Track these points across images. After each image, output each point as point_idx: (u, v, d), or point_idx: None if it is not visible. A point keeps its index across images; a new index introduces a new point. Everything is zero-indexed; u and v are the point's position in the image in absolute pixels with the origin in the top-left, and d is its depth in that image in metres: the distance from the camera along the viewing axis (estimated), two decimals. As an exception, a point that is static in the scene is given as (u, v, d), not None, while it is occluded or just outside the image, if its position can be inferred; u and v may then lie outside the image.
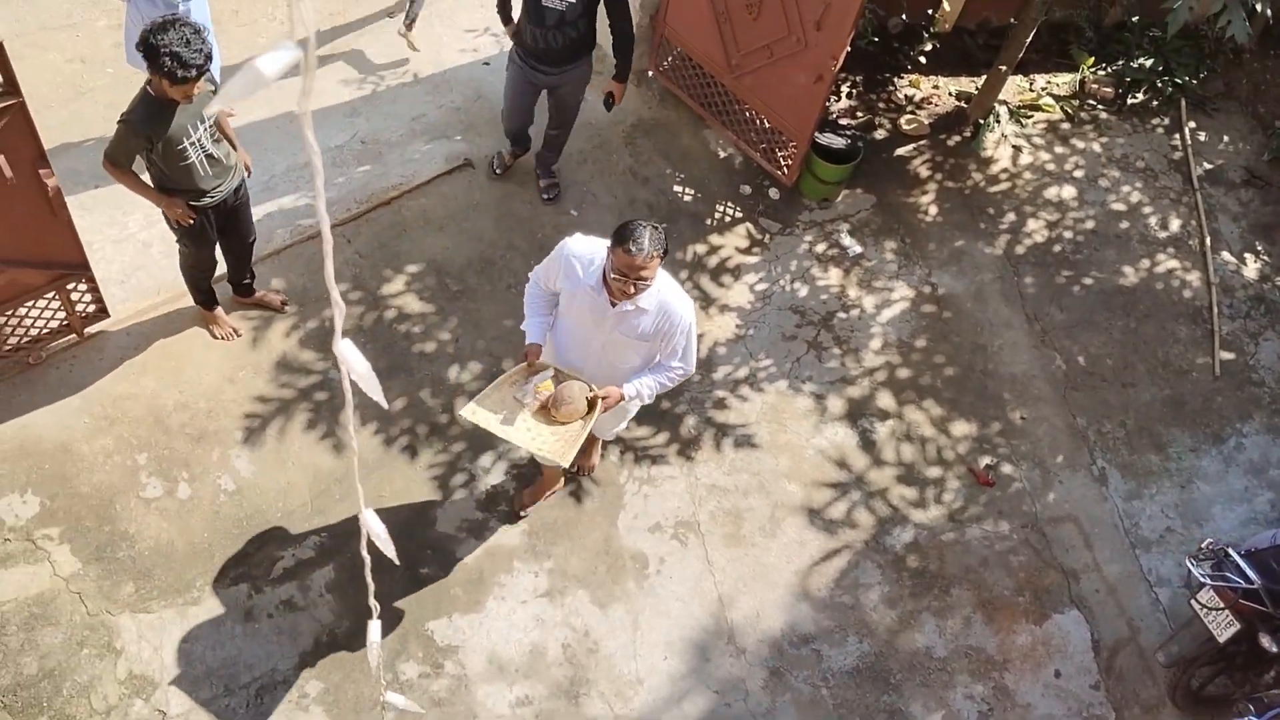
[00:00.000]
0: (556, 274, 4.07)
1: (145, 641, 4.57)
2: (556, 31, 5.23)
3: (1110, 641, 5.26)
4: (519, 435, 4.08)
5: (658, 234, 3.74)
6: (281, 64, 1.28)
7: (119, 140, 4.40)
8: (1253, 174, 7.23)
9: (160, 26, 4.07)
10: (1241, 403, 6.15)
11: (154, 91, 4.31)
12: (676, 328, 4.01)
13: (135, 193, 4.64)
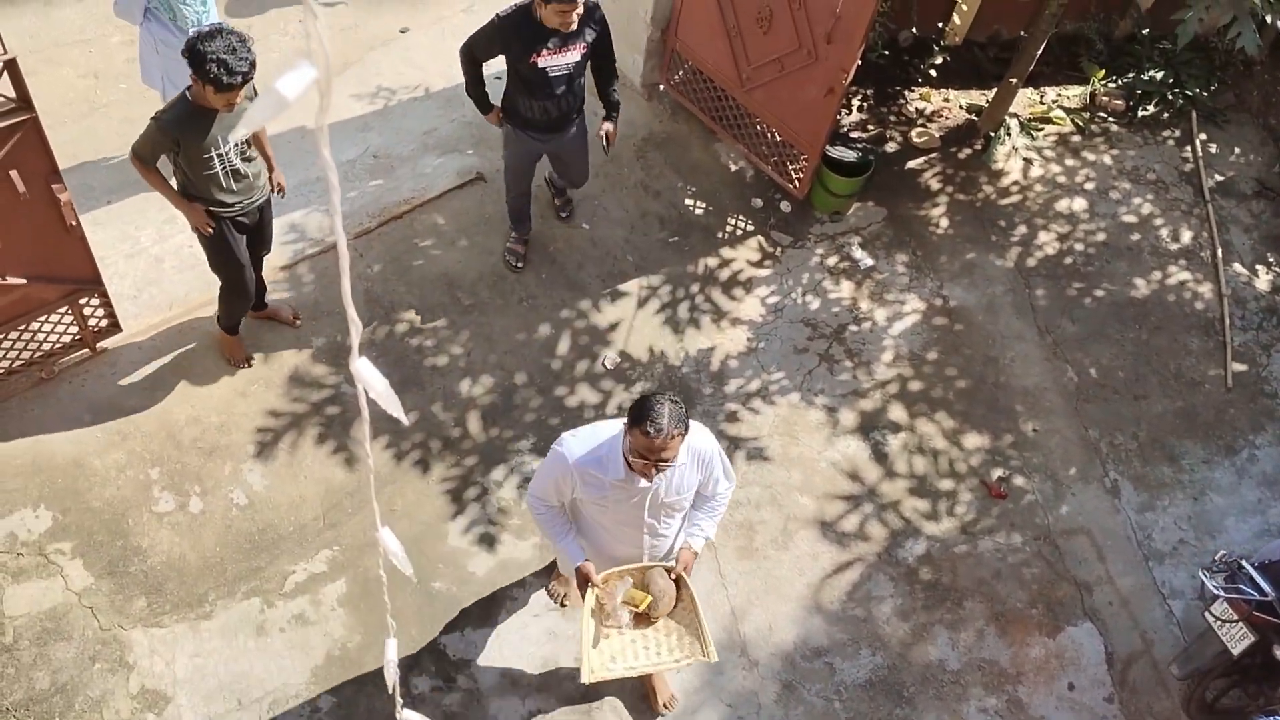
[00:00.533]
0: (569, 487, 3.69)
1: (157, 656, 4.57)
2: (566, 95, 5.08)
3: (1124, 654, 5.23)
4: (648, 662, 3.79)
5: (678, 409, 3.38)
6: (301, 85, 1.29)
7: (147, 135, 4.43)
8: (1264, 185, 7.22)
9: (208, 35, 4.13)
10: (1254, 414, 6.12)
11: (193, 98, 4.35)
12: (711, 459, 3.73)
13: (157, 190, 4.65)
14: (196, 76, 4.20)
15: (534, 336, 5.73)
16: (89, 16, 6.63)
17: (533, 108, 5.10)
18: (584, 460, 3.58)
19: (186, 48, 4.18)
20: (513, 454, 5.32)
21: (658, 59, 6.71)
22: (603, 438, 3.59)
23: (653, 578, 3.81)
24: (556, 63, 4.94)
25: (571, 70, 5.00)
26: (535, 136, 5.26)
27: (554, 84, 5.00)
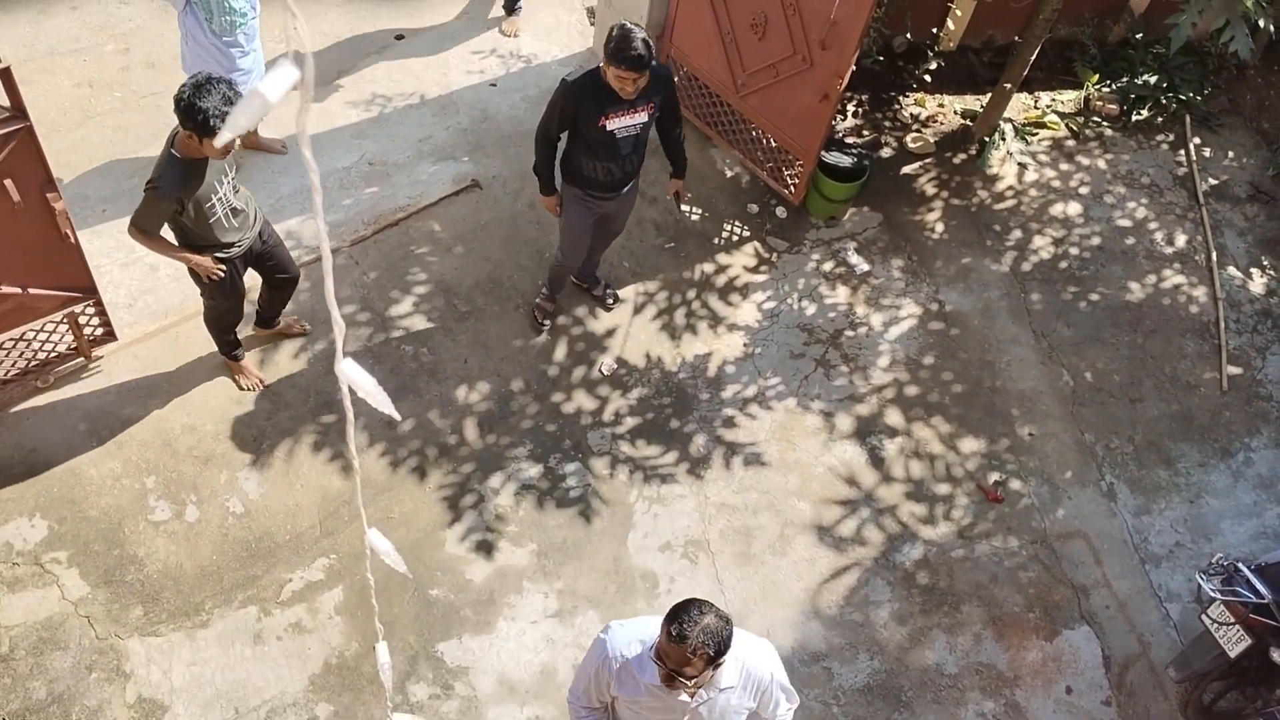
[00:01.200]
0: (606, 684, 3.21)
1: (154, 665, 4.56)
2: (631, 156, 4.93)
3: (1121, 657, 5.23)
4: None
5: (718, 626, 2.87)
6: (284, 86, 1.29)
7: (148, 208, 4.29)
8: (1258, 189, 7.24)
9: (201, 88, 3.98)
10: (1249, 417, 6.13)
11: (181, 153, 4.19)
12: (770, 682, 3.25)
13: (164, 256, 4.56)
14: (193, 131, 4.04)
15: (531, 343, 5.73)
16: (83, 25, 6.63)
17: (596, 169, 4.92)
18: (624, 652, 3.14)
19: (180, 101, 4.01)
20: (510, 461, 5.32)
21: (653, 65, 6.71)
22: (650, 632, 3.10)
23: None
24: (624, 124, 4.78)
25: (639, 132, 4.85)
26: (597, 197, 5.07)
27: (620, 145, 4.84)
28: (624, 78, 4.51)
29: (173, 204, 4.27)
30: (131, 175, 5.97)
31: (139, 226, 4.35)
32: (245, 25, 5.33)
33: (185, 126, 4.07)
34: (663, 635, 2.90)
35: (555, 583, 5.02)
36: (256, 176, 6.08)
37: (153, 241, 4.42)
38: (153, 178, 4.24)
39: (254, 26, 5.42)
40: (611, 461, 5.40)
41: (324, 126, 6.39)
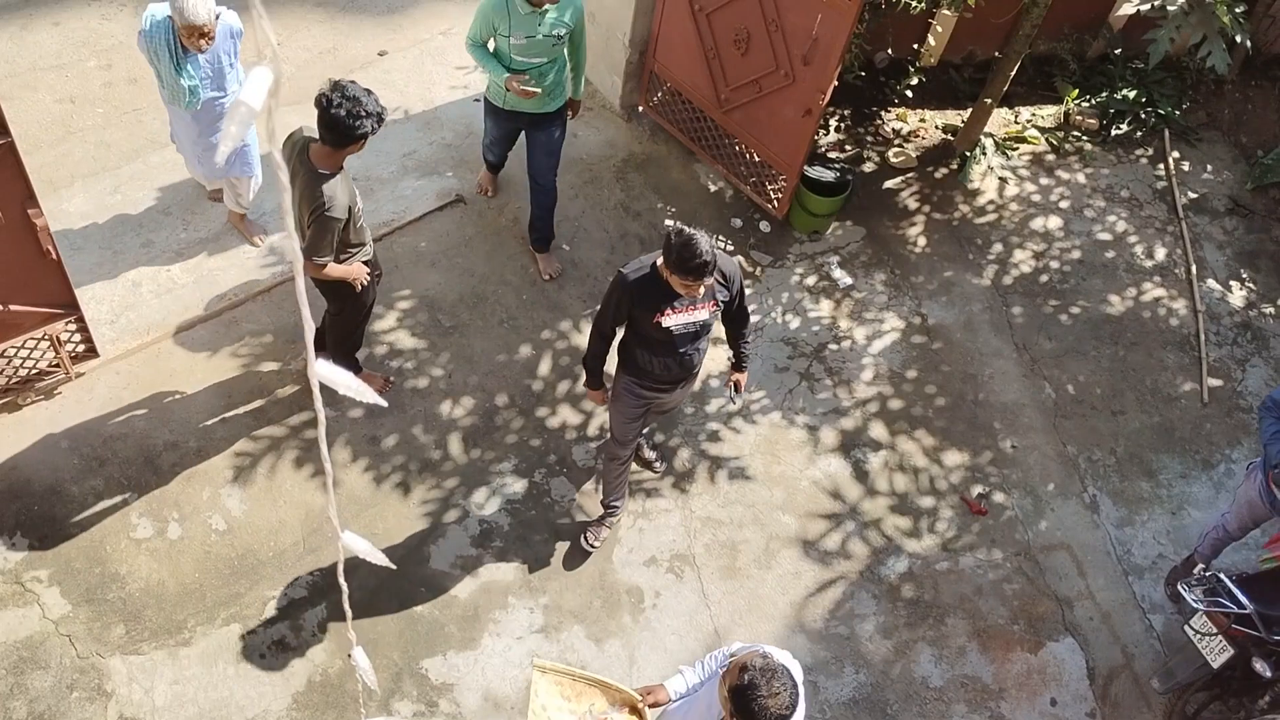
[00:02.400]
0: None
1: (136, 684, 4.53)
2: (690, 352, 4.46)
3: (1105, 669, 5.25)
4: None
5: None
6: (263, 91, 1.30)
7: (325, 234, 4.25)
8: (1236, 202, 7.32)
9: (332, 103, 3.99)
10: (1230, 429, 6.18)
11: (326, 168, 4.19)
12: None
13: (336, 277, 4.51)
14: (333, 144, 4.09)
15: (515, 358, 5.73)
16: (65, 41, 6.61)
17: (653, 363, 4.48)
18: None
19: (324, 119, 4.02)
20: (494, 476, 5.31)
21: (636, 81, 6.75)
22: None
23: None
24: (683, 321, 4.35)
25: (698, 329, 4.42)
26: (651, 389, 4.64)
27: (679, 342, 4.40)
28: (689, 286, 4.15)
29: (342, 218, 4.27)
30: (114, 191, 5.96)
31: (316, 255, 4.30)
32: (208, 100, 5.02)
33: (327, 141, 4.09)
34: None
35: (540, 598, 5.00)
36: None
37: (324, 269, 4.38)
38: (316, 205, 4.18)
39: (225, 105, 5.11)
40: (597, 476, 5.39)
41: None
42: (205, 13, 4.58)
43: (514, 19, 5.06)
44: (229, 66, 4.99)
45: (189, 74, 4.86)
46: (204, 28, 4.61)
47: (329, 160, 4.19)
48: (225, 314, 5.58)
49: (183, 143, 5.38)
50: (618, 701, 3.61)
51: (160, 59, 4.78)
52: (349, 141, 4.10)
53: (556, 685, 3.63)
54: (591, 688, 3.64)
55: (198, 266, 5.74)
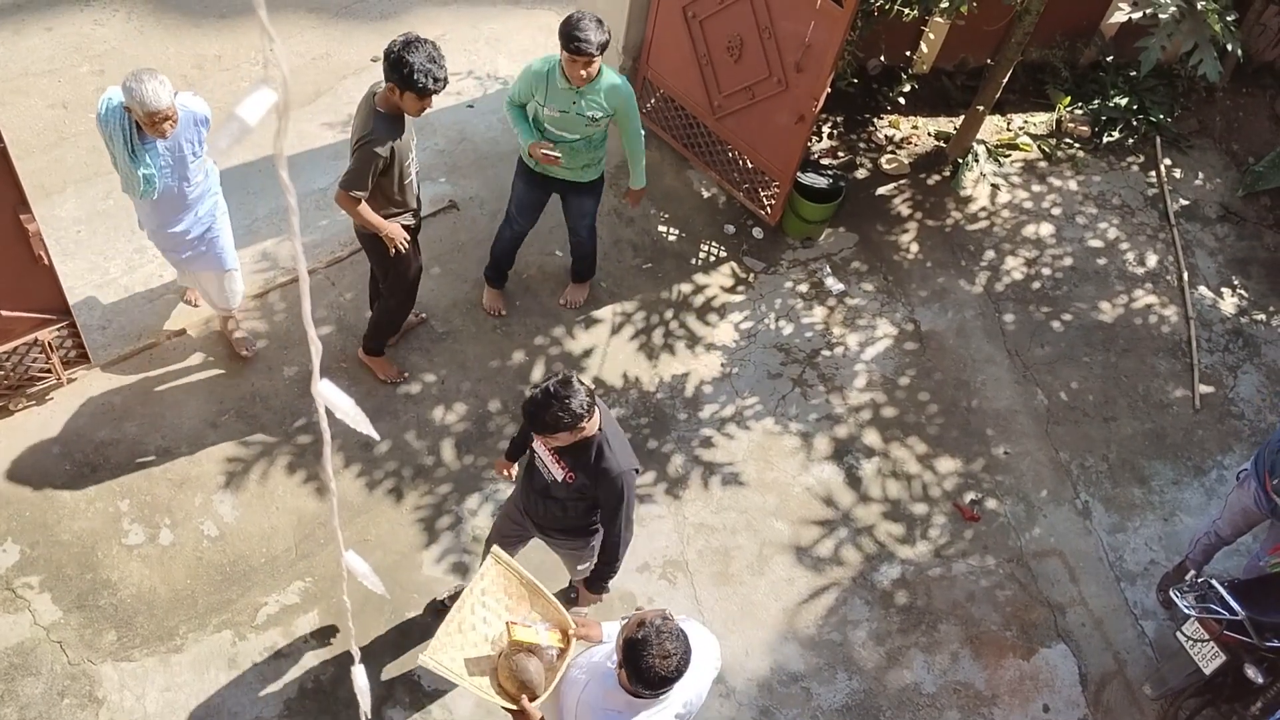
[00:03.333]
0: None
1: (127, 691, 4.51)
2: (536, 497, 4.04)
3: (1097, 675, 5.25)
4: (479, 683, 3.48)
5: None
6: (262, 109, 1.30)
7: (361, 164, 4.43)
8: (1228, 209, 7.34)
9: (409, 45, 4.25)
10: (1222, 435, 6.20)
11: (384, 108, 4.41)
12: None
13: (363, 221, 4.66)
14: (397, 85, 4.30)
15: (508, 364, 5.72)
16: (58, 46, 6.60)
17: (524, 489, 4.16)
18: None
19: (388, 58, 4.27)
20: (486, 482, 5.30)
21: (630, 87, 6.75)
22: None
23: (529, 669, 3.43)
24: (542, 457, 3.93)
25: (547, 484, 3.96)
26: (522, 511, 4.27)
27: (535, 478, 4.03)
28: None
29: (383, 156, 4.42)
30: (106, 196, 5.95)
31: (350, 187, 4.48)
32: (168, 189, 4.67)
33: (390, 79, 4.30)
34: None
35: (533, 604, 4.99)
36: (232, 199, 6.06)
37: (357, 206, 4.55)
38: (363, 135, 4.41)
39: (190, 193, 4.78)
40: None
41: (301, 148, 6.38)
42: (166, 97, 4.25)
43: (551, 91, 4.97)
44: (192, 155, 4.63)
45: (145, 162, 4.50)
46: (165, 112, 4.27)
47: (389, 103, 4.40)
48: (216, 320, 5.57)
49: (149, 231, 4.98)
50: (552, 619, 3.58)
51: (115, 144, 4.44)
52: (407, 87, 4.28)
53: (504, 580, 3.61)
54: (536, 597, 3.62)
55: (190, 272, 5.73)
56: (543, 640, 3.48)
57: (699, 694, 3.36)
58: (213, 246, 4.99)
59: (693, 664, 3.10)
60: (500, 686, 3.45)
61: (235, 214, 5.97)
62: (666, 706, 3.18)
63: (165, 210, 4.76)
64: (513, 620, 3.52)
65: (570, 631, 3.54)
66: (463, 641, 3.48)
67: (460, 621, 3.49)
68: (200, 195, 4.82)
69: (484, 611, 3.54)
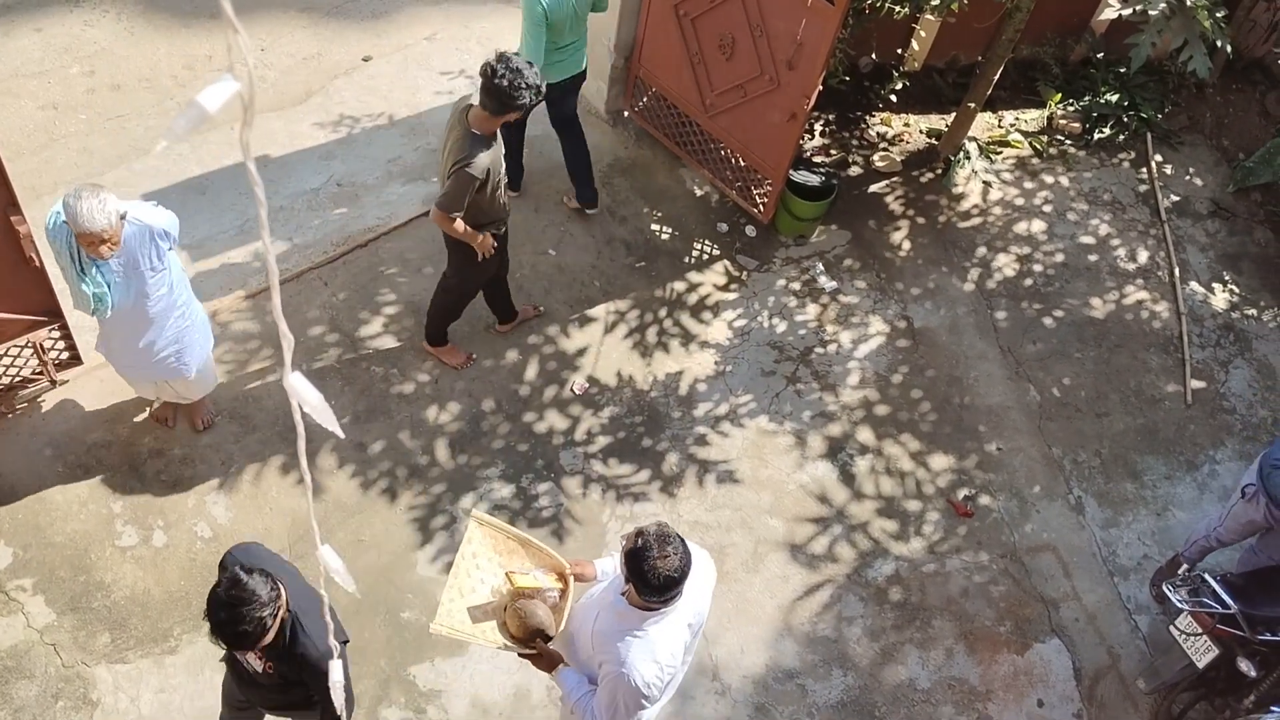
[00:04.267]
0: None
1: (122, 693, 4.50)
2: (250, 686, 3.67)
3: (1091, 669, 5.27)
4: (493, 638, 3.54)
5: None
6: (223, 98, 1.30)
7: (458, 186, 4.56)
8: (1218, 205, 7.37)
9: (503, 62, 4.35)
10: (1214, 430, 6.22)
11: (478, 130, 4.53)
12: None
13: (458, 236, 4.79)
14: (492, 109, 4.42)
15: (501, 363, 5.72)
16: (48, 48, 6.58)
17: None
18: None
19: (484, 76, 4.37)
20: (481, 481, 5.30)
21: (622, 85, 6.76)
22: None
23: (538, 612, 3.46)
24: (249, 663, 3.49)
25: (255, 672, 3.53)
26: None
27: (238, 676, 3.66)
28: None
29: (479, 178, 4.55)
30: (97, 197, 5.93)
31: (448, 209, 4.63)
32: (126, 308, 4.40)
33: (487, 101, 4.42)
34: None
35: (528, 603, 4.99)
36: (225, 198, 6.06)
37: (453, 223, 4.70)
38: (459, 159, 4.53)
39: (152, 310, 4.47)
40: (584, 481, 5.39)
41: (292, 148, 6.37)
42: (103, 219, 3.93)
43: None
44: (150, 270, 4.29)
45: (95, 279, 4.18)
46: (102, 234, 3.95)
47: (485, 124, 4.53)
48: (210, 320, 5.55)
49: (106, 351, 4.73)
50: (547, 565, 3.64)
51: (62, 260, 4.16)
52: (506, 110, 4.44)
53: (491, 539, 3.65)
54: (526, 547, 3.68)
55: (182, 273, 5.72)
56: (543, 584, 3.56)
57: (705, 605, 3.46)
58: (181, 358, 4.69)
59: (694, 572, 3.21)
60: (511, 635, 3.51)
61: (226, 214, 6.00)
62: (679, 615, 3.29)
63: (125, 329, 4.48)
64: (510, 570, 3.58)
65: (566, 572, 3.61)
66: (465, 604, 3.54)
67: (460, 586, 3.55)
68: (164, 310, 4.46)
69: (480, 573, 3.60)
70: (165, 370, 4.71)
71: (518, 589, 3.52)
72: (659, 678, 3.26)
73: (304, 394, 1.61)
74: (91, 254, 4.06)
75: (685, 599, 3.28)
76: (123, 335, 4.52)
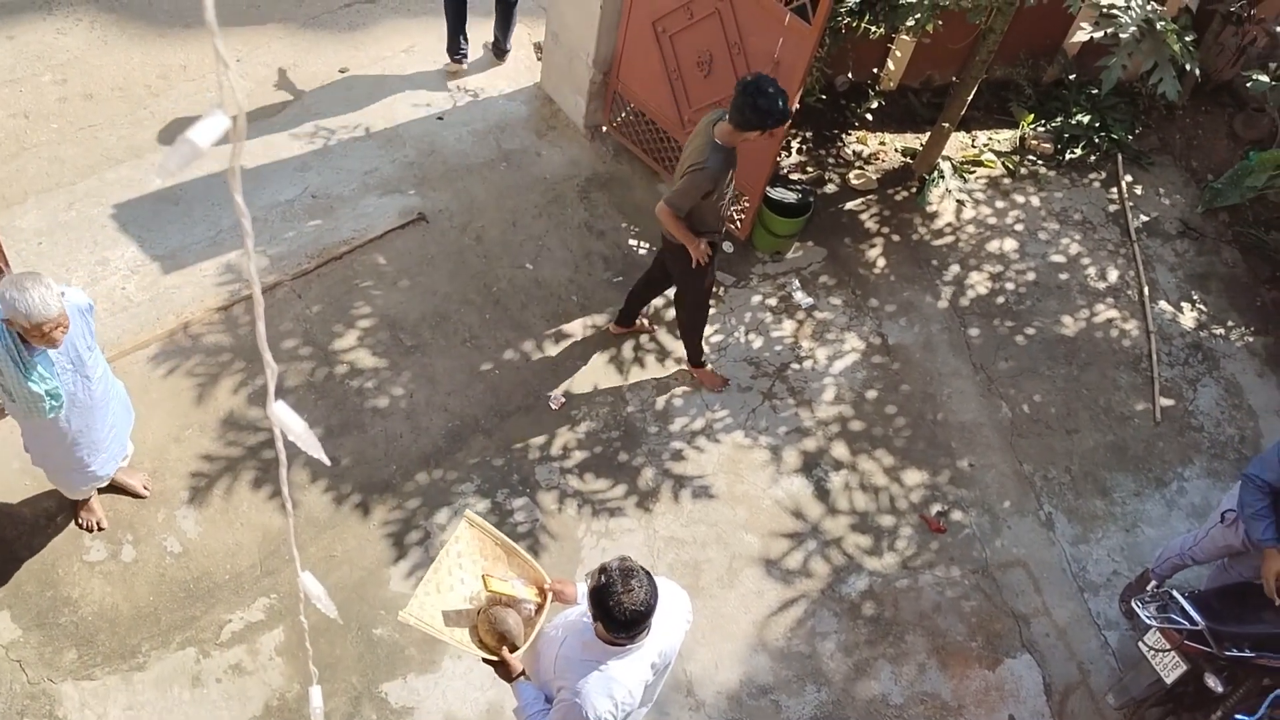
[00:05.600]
0: None
1: (89, 710, 4.44)
2: None
3: (1061, 685, 5.30)
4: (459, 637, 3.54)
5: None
6: (214, 134, 1.30)
7: (690, 187, 4.82)
8: (1187, 225, 7.47)
9: (757, 84, 4.53)
10: (1182, 448, 6.29)
11: (722, 141, 4.77)
12: None
13: (678, 234, 5.02)
14: (739, 124, 4.62)
15: (477, 377, 5.71)
16: (19, 55, 6.52)
17: None
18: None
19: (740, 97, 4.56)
20: (456, 496, 5.28)
21: (600, 101, 6.77)
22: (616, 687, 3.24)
23: (508, 620, 3.49)
24: None
25: None
26: None
27: None
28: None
29: (710, 184, 4.80)
30: (69, 207, 5.88)
31: (675, 204, 4.88)
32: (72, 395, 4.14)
33: (736, 116, 4.62)
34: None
35: (502, 619, 4.96)
36: (197, 210, 6.02)
37: (677, 222, 4.95)
38: (697, 161, 4.79)
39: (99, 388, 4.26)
40: (560, 496, 5.38)
41: (267, 159, 6.34)
42: (56, 303, 3.71)
43: None
44: (87, 349, 4.11)
45: (42, 376, 3.92)
46: (58, 319, 3.74)
47: (728, 137, 4.76)
48: (180, 332, 5.51)
49: (49, 455, 4.40)
50: (529, 577, 3.64)
51: (3, 365, 3.85)
52: (751, 128, 4.64)
53: (479, 542, 3.65)
54: (511, 556, 3.67)
55: (154, 284, 5.67)
56: (519, 594, 3.55)
57: (672, 646, 3.44)
58: (120, 439, 4.56)
59: (663, 610, 3.22)
60: (480, 640, 3.50)
61: (199, 225, 5.95)
62: (643, 653, 3.27)
63: (77, 422, 4.22)
64: (488, 573, 3.57)
65: (546, 587, 3.60)
66: (441, 600, 3.52)
67: (438, 582, 3.54)
68: (105, 390, 4.29)
69: (461, 573, 3.59)
70: (111, 460, 4.53)
71: (491, 593, 3.52)
72: (611, 714, 3.23)
73: (287, 422, 1.61)
74: (43, 344, 3.80)
75: (652, 636, 3.26)
76: (77, 431, 4.25)
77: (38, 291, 3.68)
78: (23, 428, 4.34)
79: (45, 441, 4.30)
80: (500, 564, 3.66)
